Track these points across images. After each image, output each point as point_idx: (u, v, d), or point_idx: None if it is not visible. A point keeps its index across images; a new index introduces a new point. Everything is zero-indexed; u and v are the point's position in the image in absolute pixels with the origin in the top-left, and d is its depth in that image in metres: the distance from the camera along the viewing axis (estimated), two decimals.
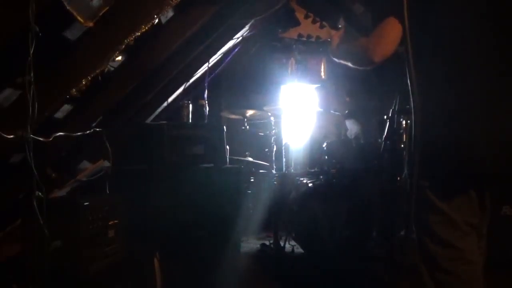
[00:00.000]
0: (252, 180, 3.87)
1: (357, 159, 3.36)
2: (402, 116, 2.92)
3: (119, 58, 2.14)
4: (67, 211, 1.84)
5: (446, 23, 1.34)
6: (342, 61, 1.60)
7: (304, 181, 3.59)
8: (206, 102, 3.33)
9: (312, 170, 3.78)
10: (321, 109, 4.03)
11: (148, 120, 3.77)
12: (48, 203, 1.53)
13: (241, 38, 3.87)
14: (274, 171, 3.82)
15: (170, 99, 3.85)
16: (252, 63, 5.04)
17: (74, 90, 1.85)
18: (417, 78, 1.25)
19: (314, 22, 1.70)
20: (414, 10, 1.27)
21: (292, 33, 1.73)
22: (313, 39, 1.71)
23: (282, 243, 3.46)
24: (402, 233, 2.85)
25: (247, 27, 3.66)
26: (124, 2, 1.75)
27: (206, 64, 3.74)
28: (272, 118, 4.00)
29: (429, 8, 1.34)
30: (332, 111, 3.94)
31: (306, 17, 1.71)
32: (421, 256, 1.39)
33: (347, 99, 3.97)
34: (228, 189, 2.55)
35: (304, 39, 1.72)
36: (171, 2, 1.91)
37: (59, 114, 2.18)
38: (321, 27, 1.70)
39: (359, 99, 3.95)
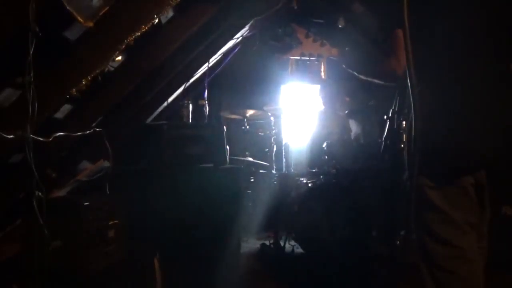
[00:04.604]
0: (252, 180, 3.87)
1: (357, 159, 3.36)
2: (402, 116, 2.92)
3: (119, 58, 2.14)
4: (67, 211, 1.85)
5: (446, 24, 1.34)
6: (368, 79, 1.74)
7: (304, 181, 3.59)
8: (206, 102, 3.33)
9: (312, 170, 3.78)
10: (324, 109, 4.03)
11: (148, 120, 3.77)
12: (48, 203, 1.53)
13: (241, 38, 3.87)
14: (274, 171, 3.82)
15: (170, 99, 3.84)
16: (252, 63, 5.04)
17: (74, 90, 1.85)
18: (416, 78, 1.25)
19: (315, 41, 1.76)
20: (414, 12, 1.27)
21: (295, 53, 1.80)
22: (314, 57, 1.78)
23: (282, 243, 3.46)
24: (402, 232, 2.85)
25: (247, 27, 3.66)
26: (124, 2, 1.74)
27: (206, 64, 3.74)
28: (272, 118, 4.00)
29: (429, 10, 1.34)
30: (336, 111, 3.94)
31: (307, 36, 1.77)
32: (421, 255, 1.39)
33: (347, 99, 3.97)
34: (228, 189, 2.54)
35: (307, 58, 1.80)
36: (171, 2, 1.91)
37: (59, 114, 2.18)
38: (322, 45, 1.76)
39: (359, 99, 3.95)
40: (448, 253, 1.33)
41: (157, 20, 1.97)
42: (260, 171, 3.90)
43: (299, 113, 4.25)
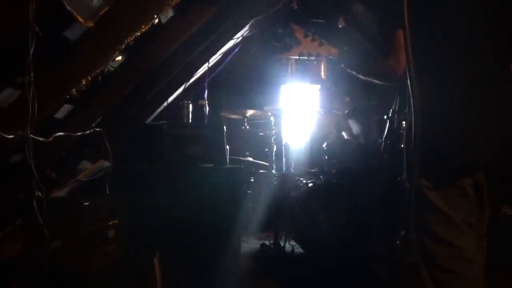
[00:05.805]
0: (252, 180, 3.87)
1: (357, 159, 3.36)
2: (402, 116, 2.92)
3: (119, 58, 2.14)
4: (67, 211, 1.84)
5: (445, 25, 1.34)
6: (367, 79, 1.75)
7: (304, 181, 3.59)
8: (206, 102, 3.34)
9: (312, 170, 3.78)
10: (323, 109, 4.03)
11: (148, 120, 3.77)
12: (48, 203, 1.53)
13: (241, 38, 3.87)
14: (274, 171, 3.82)
15: (170, 99, 3.85)
16: (252, 63, 5.04)
17: (74, 90, 1.85)
18: (416, 78, 1.25)
19: (313, 40, 1.77)
20: (414, 13, 1.27)
21: (294, 52, 1.81)
22: (313, 57, 1.78)
23: (282, 243, 3.46)
24: (402, 233, 2.85)
25: (247, 27, 3.67)
26: (124, 2, 1.75)
27: (206, 64, 3.74)
28: (272, 118, 4.00)
29: (429, 10, 1.34)
30: (334, 111, 3.94)
31: (306, 36, 1.77)
32: (420, 255, 1.39)
33: (347, 99, 3.97)
34: (228, 189, 2.54)
35: (306, 57, 1.81)
36: (171, 2, 1.91)
37: (59, 114, 2.18)
38: (321, 44, 1.77)
39: (359, 99, 3.95)
40: (447, 253, 1.33)
41: (157, 20, 1.98)
42: (260, 171, 3.90)
43: (299, 113, 4.25)
